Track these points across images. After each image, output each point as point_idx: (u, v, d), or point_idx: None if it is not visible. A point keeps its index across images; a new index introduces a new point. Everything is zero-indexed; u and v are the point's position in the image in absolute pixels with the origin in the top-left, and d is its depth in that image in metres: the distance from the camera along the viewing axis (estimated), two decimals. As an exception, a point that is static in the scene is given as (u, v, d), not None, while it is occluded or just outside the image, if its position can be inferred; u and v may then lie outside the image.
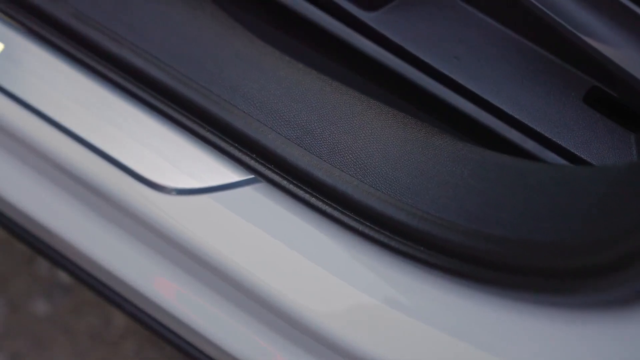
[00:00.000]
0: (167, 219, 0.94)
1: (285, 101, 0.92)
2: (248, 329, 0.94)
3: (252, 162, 0.91)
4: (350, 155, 0.90)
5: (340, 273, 0.88)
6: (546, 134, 0.98)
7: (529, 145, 0.98)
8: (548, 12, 0.94)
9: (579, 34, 0.93)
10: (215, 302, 0.96)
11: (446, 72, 1.01)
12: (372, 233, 0.87)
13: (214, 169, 0.93)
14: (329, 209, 0.89)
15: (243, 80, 0.93)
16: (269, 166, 0.91)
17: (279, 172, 0.90)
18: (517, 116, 0.98)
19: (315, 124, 0.91)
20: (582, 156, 0.97)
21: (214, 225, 0.93)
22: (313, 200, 0.89)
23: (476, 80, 1.00)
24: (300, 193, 0.90)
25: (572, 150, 0.97)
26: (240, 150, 0.92)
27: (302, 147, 0.90)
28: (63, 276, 1.71)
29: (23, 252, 1.72)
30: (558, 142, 0.97)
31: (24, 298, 1.71)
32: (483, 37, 1.02)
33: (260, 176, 0.91)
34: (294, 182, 0.90)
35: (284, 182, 0.90)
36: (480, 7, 1.02)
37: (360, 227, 0.88)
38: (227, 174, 0.93)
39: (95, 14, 0.98)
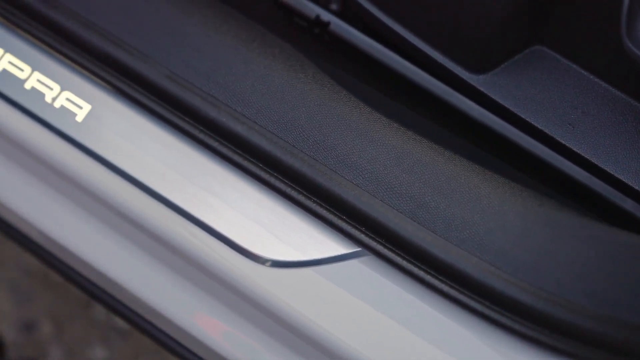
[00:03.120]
0: (257, 288, 0.91)
1: (396, 172, 0.88)
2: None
3: (361, 236, 0.88)
4: (468, 231, 0.86)
5: (463, 358, 0.84)
6: (666, 205, 0.94)
7: (647, 216, 0.95)
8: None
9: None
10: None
11: (560, 138, 0.97)
12: (493, 314, 0.83)
13: (317, 241, 0.90)
14: (445, 287, 0.85)
15: (351, 149, 0.89)
16: (379, 240, 0.87)
17: (390, 246, 0.87)
18: (635, 186, 0.94)
19: (429, 197, 0.87)
20: None
21: (317, 298, 0.89)
22: (428, 277, 0.85)
23: (591, 147, 0.96)
24: (414, 270, 0.86)
25: (696, 224, 0.93)
26: (348, 223, 0.88)
27: (415, 221, 0.86)
28: (120, 320, 1.67)
29: (79, 297, 1.69)
30: (679, 214, 0.93)
31: (81, 343, 1.67)
32: (598, 102, 0.98)
33: (369, 250, 0.87)
34: (407, 257, 0.86)
35: (397, 258, 0.86)
36: (595, 72, 0.98)
37: (480, 308, 0.84)
38: (332, 245, 0.89)
39: (190, 76, 0.94)
